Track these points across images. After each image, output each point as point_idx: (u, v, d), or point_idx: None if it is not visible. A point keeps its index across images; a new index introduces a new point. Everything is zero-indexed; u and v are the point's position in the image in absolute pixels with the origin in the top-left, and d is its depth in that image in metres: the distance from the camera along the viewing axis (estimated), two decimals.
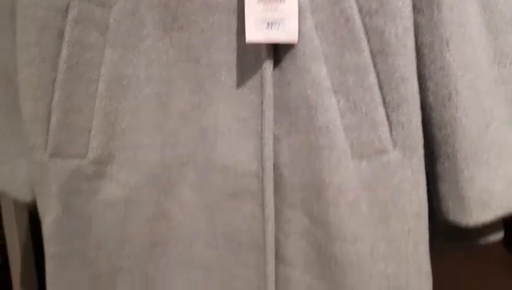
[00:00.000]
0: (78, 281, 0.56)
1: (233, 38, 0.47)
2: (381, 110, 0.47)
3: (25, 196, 0.57)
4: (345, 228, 0.47)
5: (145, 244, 0.54)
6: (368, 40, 0.46)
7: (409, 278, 0.48)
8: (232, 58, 0.48)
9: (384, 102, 0.47)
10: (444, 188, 0.48)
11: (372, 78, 0.46)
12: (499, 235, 0.52)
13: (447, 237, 0.53)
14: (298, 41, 0.46)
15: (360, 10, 0.46)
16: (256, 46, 0.47)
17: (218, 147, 0.50)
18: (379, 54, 0.46)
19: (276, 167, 0.49)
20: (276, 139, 0.49)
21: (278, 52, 0.47)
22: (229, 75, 0.48)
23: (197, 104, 0.50)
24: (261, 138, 0.48)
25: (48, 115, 0.52)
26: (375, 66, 0.46)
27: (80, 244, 0.55)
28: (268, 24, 0.46)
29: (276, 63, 0.47)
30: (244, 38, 0.46)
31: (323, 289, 0.50)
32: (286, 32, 0.45)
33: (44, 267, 0.57)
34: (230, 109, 0.49)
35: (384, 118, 0.47)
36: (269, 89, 0.47)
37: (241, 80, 0.48)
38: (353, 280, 0.48)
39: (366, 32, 0.46)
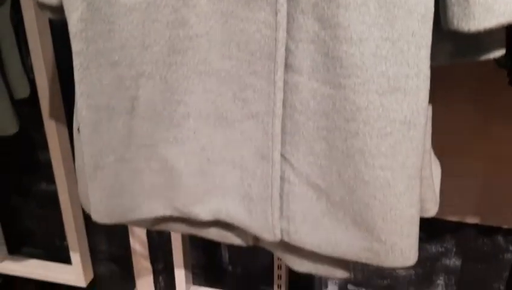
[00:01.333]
0: (104, 81, 0.60)
1: None
2: None
3: None
4: (353, 29, 0.50)
5: (165, 51, 0.58)
6: None
7: (407, 80, 0.51)
8: None
9: None
10: None
11: None
12: (500, 52, 0.54)
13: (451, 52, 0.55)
14: None
15: None
16: None
17: None
18: None
19: None
20: None
21: None
22: None
23: None
24: None
25: None
26: None
27: (105, 44, 0.58)
28: None
29: None
30: None
31: (328, 92, 0.54)
32: None
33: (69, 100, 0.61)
34: None
35: None
36: None
37: None
38: (356, 81, 0.52)
39: None
